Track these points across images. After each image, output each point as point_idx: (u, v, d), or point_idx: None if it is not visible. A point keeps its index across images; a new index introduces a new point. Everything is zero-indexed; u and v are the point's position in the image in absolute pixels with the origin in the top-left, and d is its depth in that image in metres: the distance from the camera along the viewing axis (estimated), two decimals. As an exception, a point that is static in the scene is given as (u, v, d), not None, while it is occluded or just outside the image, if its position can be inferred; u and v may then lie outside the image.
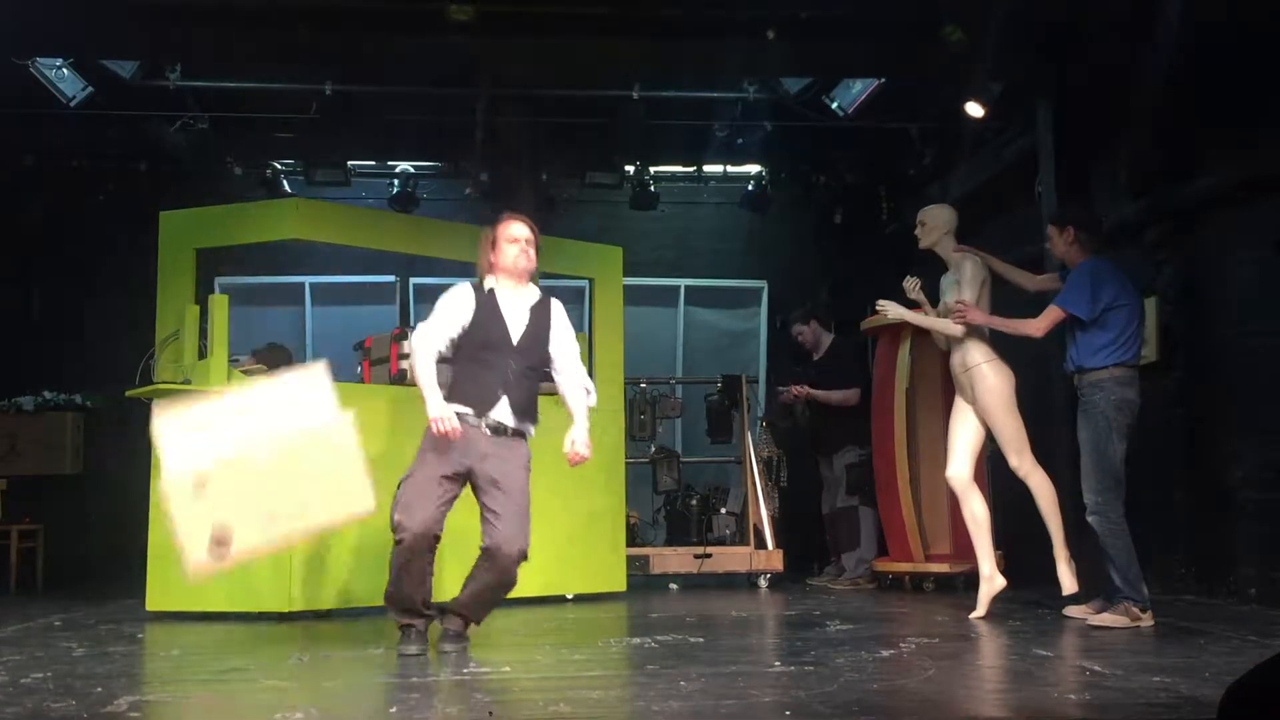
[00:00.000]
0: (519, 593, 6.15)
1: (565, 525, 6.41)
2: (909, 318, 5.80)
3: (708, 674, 3.67)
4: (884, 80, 7.47)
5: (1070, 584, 5.29)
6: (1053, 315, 5.09)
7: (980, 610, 5.32)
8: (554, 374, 4.56)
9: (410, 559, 4.20)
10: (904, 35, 6.45)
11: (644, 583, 7.29)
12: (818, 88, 7.79)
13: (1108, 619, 4.83)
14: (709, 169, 9.59)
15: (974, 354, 5.48)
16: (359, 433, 4.11)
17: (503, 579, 4.30)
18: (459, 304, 4.42)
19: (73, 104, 7.40)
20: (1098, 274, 5.04)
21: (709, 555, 7.42)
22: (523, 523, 4.28)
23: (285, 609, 5.56)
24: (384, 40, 6.38)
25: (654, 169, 9.32)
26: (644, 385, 7.96)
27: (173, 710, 3.28)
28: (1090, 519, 4.93)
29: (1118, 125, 6.50)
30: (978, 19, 6.05)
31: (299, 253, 9.19)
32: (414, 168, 9.30)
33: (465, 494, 4.35)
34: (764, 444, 7.77)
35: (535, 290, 4.54)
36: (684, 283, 9.83)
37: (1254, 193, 5.57)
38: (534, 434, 4.48)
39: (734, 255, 9.92)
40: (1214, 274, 5.93)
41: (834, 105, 7.85)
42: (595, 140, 8.75)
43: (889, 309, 5.84)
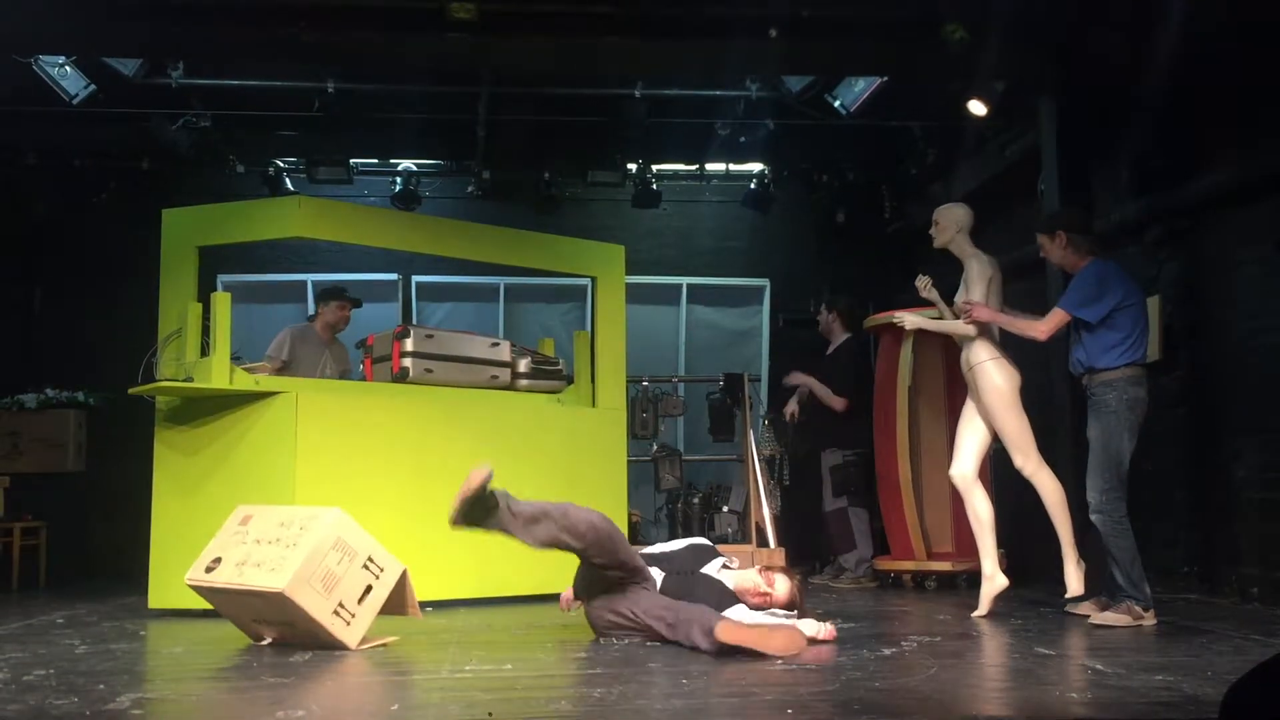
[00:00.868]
0: (520, 591, 6.22)
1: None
2: (928, 326, 5.84)
3: (710, 672, 3.67)
4: (886, 79, 7.47)
5: (1077, 586, 5.28)
6: (1058, 318, 5.09)
7: (982, 609, 5.32)
8: None
9: None
10: (906, 34, 6.44)
11: (646, 581, 7.26)
12: (820, 86, 7.80)
13: (1110, 618, 4.83)
14: (711, 167, 9.59)
15: (979, 352, 5.49)
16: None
17: None
18: None
19: (75, 102, 7.42)
20: (1104, 276, 5.04)
21: (711, 554, 7.41)
22: None
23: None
24: (386, 38, 6.37)
25: (656, 167, 9.33)
26: (646, 384, 7.97)
27: (175, 708, 3.28)
28: (1094, 518, 4.95)
29: (1120, 124, 6.50)
30: (980, 17, 6.05)
31: (301, 250, 9.22)
32: (416, 165, 9.32)
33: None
34: (766, 442, 7.77)
35: None
36: (686, 281, 9.83)
37: (1256, 192, 5.57)
38: None
39: (736, 254, 9.92)
40: (1216, 273, 5.93)
41: (836, 104, 7.85)
42: (597, 138, 8.76)
43: (906, 320, 5.88)
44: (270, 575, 4.17)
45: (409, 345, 6.20)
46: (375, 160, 9.34)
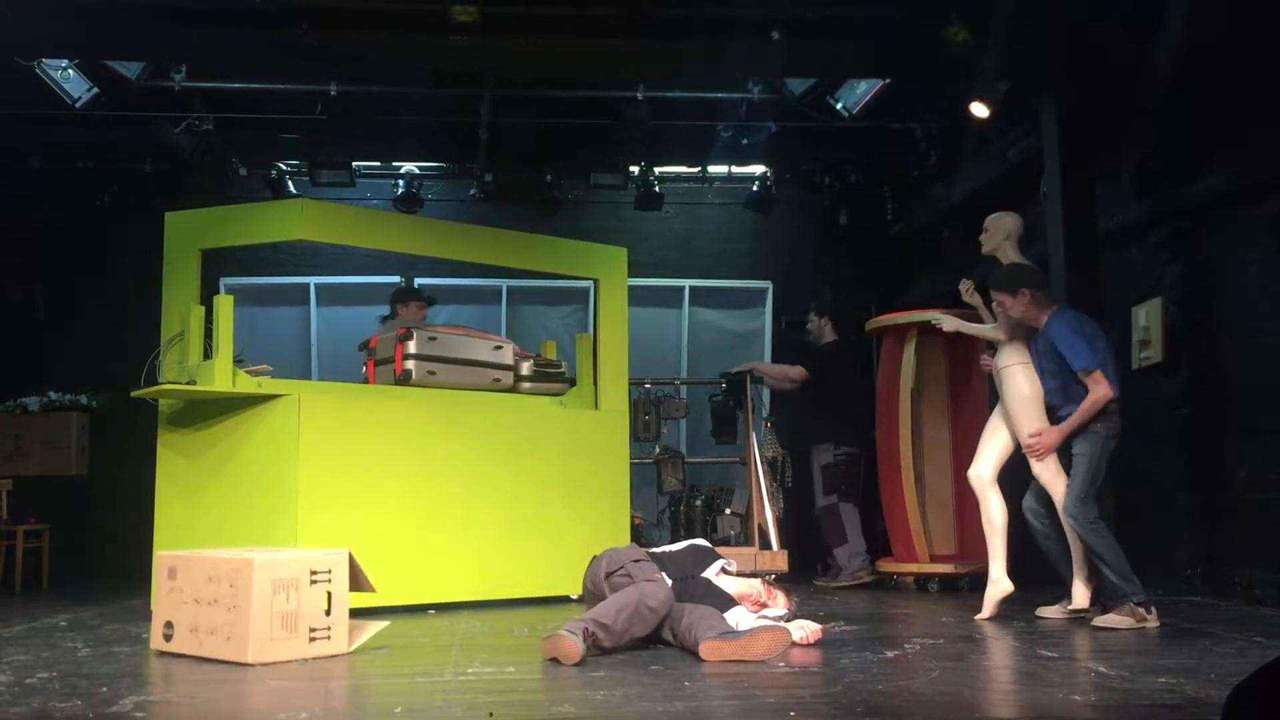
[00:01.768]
0: (523, 593, 6.22)
1: (569, 526, 6.42)
2: (964, 329, 5.83)
3: (712, 674, 3.67)
4: (888, 81, 7.46)
5: (1082, 600, 5.21)
6: (1096, 377, 5.03)
7: (986, 612, 5.32)
8: None
9: None
10: (908, 35, 6.44)
11: (648, 583, 7.26)
12: (822, 88, 7.79)
13: (1113, 620, 4.83)
14: (713, 170, 9.59)
15: (1009, 355, 5.48)
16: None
17: None
18: None
19: (78, 105, 7.42)
20: (1078, 325, 5.14)
21: (714, 556, 7.41)
22: None
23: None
24: (388, 41, 6.38)
25: (658, 170, 9.32)
26: (648, 386, 7.97)
27: (178, 710, 3.28)
28: (1068, 521, 5.05)
29: (1122, 125, 6.50)
30: (982, 19, 6.05)
31: (304, 253, 9.23)
32: (419, 168, 9.32)
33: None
34: (768, 444, 7.78)
35: None
36: (688, 283, 9.83)
37: (1258, 193, 5.57)
38: None
39: (738, 256, 9.91)
40: (1219, 275, 5.93)
41: (838, 106, 7.85)
42: (599, 141, 8.75)
43: (945, 323, 5.89)
44: (228, 645, 4.00)
45: (412, 348, 6.20)
46: (377, 163, 9.34)
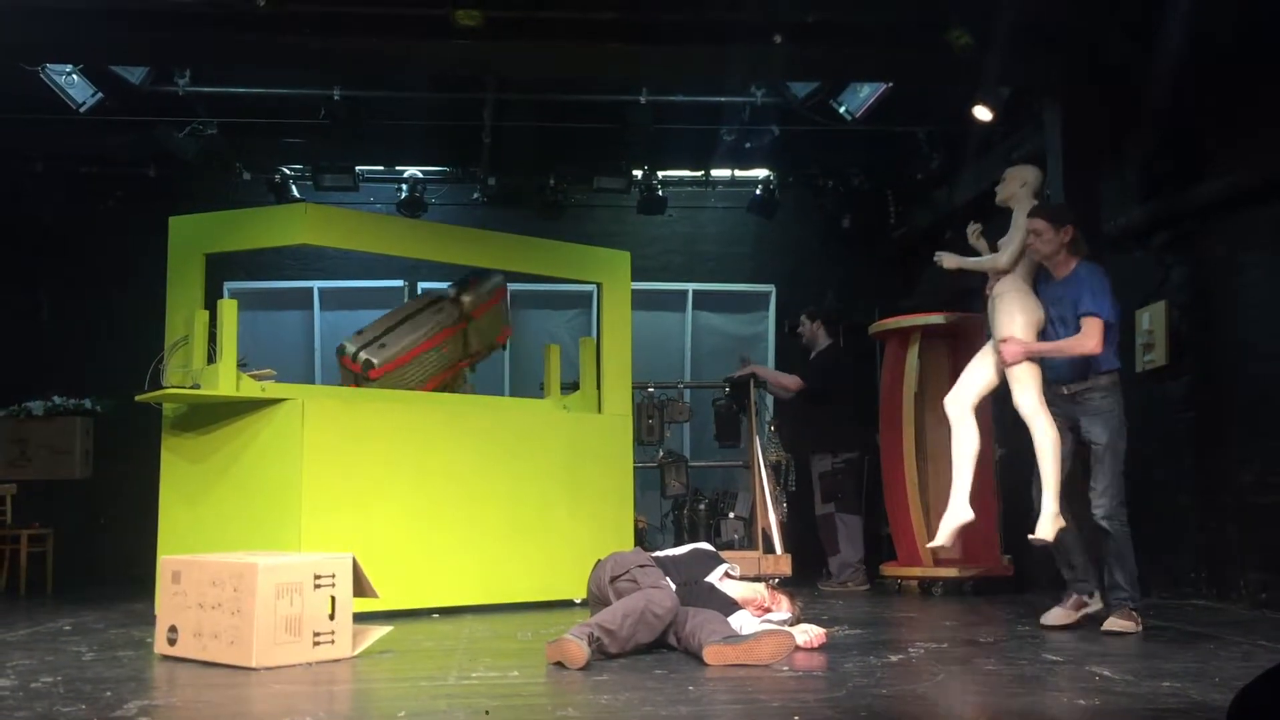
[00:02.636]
0: (527, 597, 6.21)
1: (573, 530, 6.42)
2: (966, 264, 5.58)
3: (715, 679, 3.67)
4: (891, 84, 7.46)
5: (1047, 530, 4.88)
6: (1099, 326, 4.85)
7: (939, 539, 5.15)
8: None
9: None
10: (911, 39, 6.44)
11: (652, 587, 7.26)
12: (825, 92, 7.78)
13: (1116, 623, 4.82)
14: (716, 173, 9.60)
15: (1006, 283, 5.23)
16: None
17: None
18: None
19: (82, 110, 7.43)
20: (1107, 280, 4.99)
21: (717, 560, 7.41)
22: None
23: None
24: (392, 45, 6.39)
25: (662, 173, 9.34)
26: (652, 390, 7.98)
27: (182, 715, 3.28)
28: (1108, 524, 4.84)
29: (1126, 128, 6.49)
30: (985, 22, 6.05)
31: (307, 257, 9.24)
32: (422, 172, 9.33)
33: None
34: (772, 448, 7.78)
35: None
36: (692, 287, 9.84)
37: (1263, 195, 5.56)
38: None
39: (742, 260, 9.92)
40: (1223, 277, 5.92)
41: (841, 109, 7.84)
42: (603, 145, 8.75)
43: (945, 260, 5.68)
44: (232, 649, 4.00)
45: (350, 347, 6.32)
46: (381, 167, 9.36)
